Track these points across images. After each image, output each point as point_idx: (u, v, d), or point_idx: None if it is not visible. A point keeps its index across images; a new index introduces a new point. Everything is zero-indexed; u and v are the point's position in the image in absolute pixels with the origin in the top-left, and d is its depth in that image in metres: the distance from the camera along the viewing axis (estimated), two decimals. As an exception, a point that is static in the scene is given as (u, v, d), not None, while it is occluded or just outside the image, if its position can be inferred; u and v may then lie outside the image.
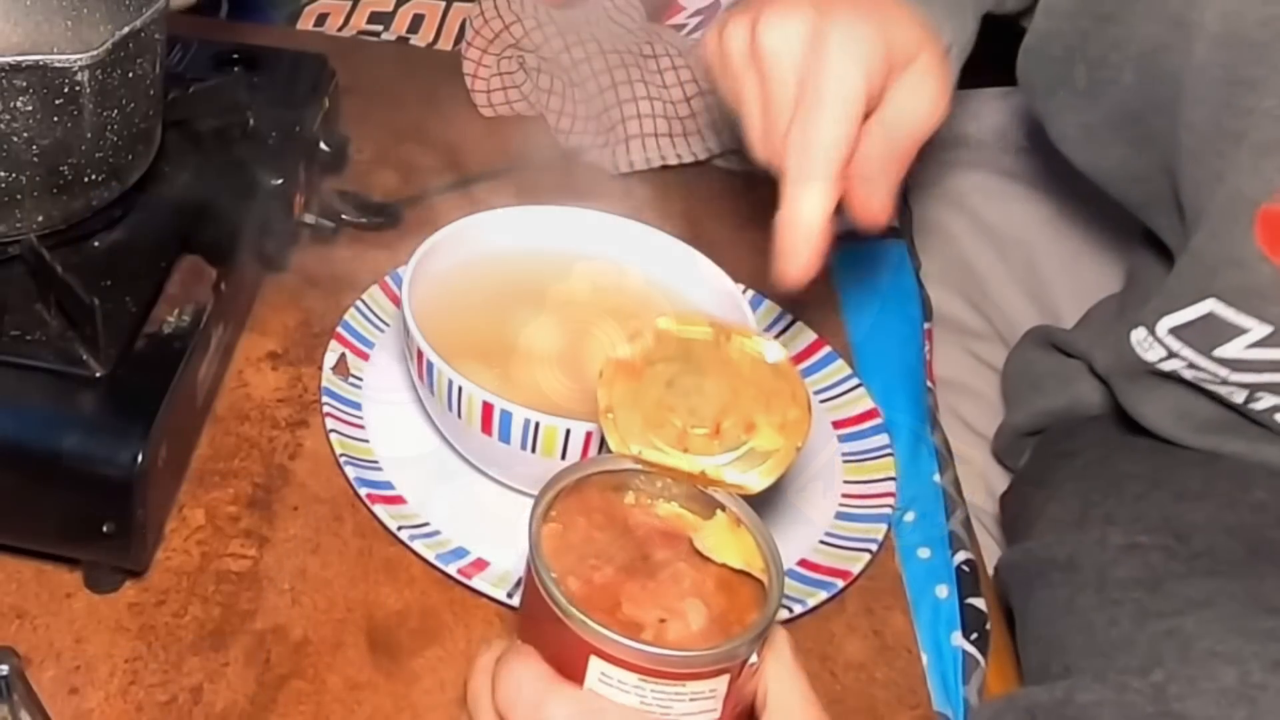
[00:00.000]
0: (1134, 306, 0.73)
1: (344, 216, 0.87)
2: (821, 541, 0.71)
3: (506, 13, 1.00)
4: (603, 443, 0.58)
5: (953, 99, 0.63)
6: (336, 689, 0.63)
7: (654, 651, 0.47)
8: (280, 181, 0.79)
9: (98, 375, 0.63)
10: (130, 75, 0.68)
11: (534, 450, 0.65)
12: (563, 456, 0.65)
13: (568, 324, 0.73)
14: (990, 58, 0.73)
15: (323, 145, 0.86)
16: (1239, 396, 0.67)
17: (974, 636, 0.73)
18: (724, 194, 0.96)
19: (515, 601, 0.65)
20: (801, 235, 0.60)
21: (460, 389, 0.66)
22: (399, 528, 0.68)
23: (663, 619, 0.50)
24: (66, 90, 0.64)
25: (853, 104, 0.60)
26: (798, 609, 0.67)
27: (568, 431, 0.64)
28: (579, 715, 0.48)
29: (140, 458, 0.60)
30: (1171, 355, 0.66)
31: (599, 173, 0.96)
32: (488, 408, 0.65)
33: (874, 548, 0.71)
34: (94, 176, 0.69)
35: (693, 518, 0.53)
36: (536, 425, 0.64)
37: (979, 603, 0.75)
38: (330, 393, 0.75)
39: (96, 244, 0.70)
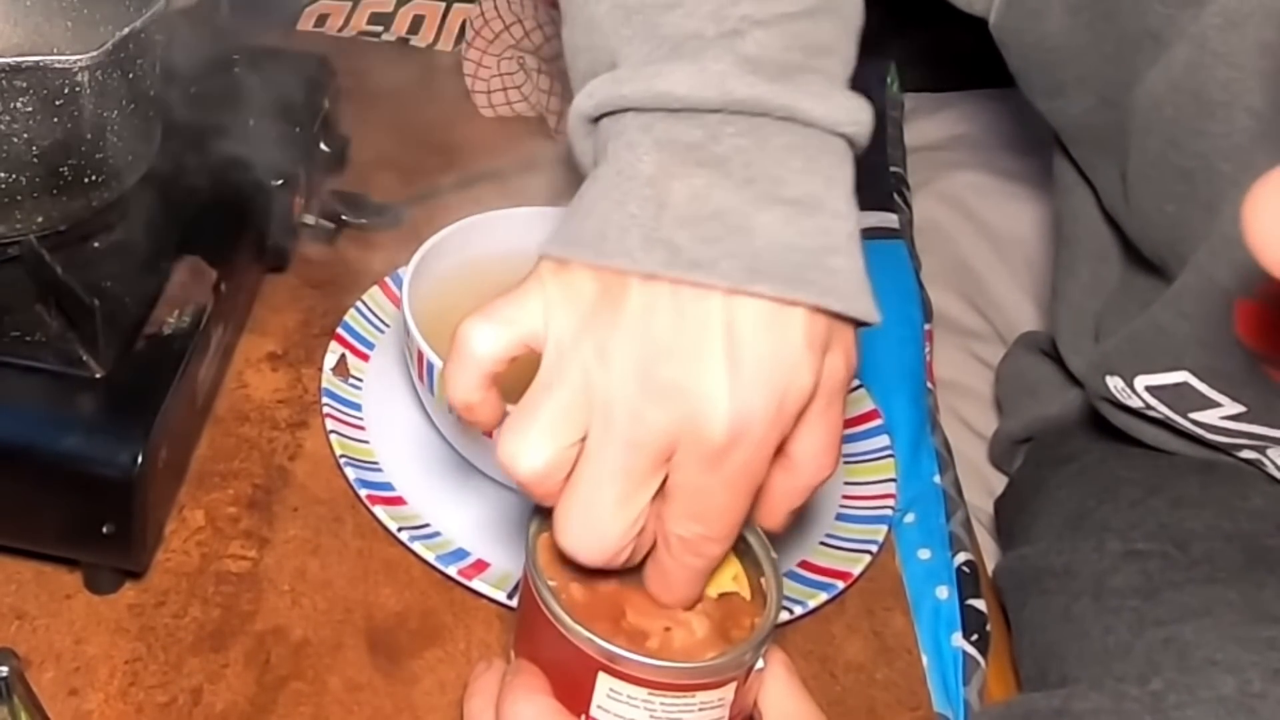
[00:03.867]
0: (1108, 335, 0.71)
1: (344, 217, 0.87)
2: (822, 543, 0.71)
3: (507, 14, 1.00)
4: None
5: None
6: (336, 690, 0.63)
7: (666, 665, 0.47)
8: (280, 182, 0.79)
9: (98, 376, 0.63)
10: (130, 76, 0.67)
11: (534, 451, 0.65)
12: (563, 458, 0.65)
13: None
14: (990, 58, 0.73)
15: (323, 146, 0.86)
16: (1221, 448, 0.67)
17: (974, 637, 0.73)
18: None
19: (515, 604, 0.64)
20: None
21: (460, 390, 0.66)
22: (399, 529, 0.68)
23: (668, 627, 0.49)
24: (66, 91, 0.64)
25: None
26: (798, 610, 0.67)
27: (568, 433, 0.64)
28: None
29: (140, 459, 0.60)
30: (1149, 407, 0.65)
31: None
32: (488, 409, 0.65)
33: (874, 549, 0.71)
34: (94, 177, 0.69)
35: None
36: (536, 426, 0.64)
37: (979, 604, 0.75)
38: (330, 393, 0.75)
39: (96, 245, 0.70)
